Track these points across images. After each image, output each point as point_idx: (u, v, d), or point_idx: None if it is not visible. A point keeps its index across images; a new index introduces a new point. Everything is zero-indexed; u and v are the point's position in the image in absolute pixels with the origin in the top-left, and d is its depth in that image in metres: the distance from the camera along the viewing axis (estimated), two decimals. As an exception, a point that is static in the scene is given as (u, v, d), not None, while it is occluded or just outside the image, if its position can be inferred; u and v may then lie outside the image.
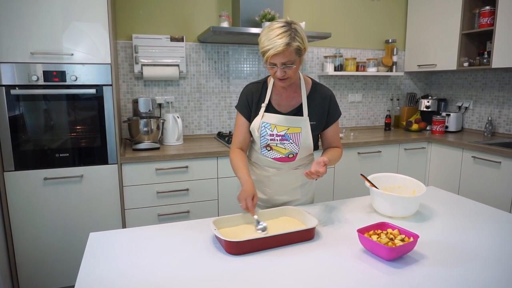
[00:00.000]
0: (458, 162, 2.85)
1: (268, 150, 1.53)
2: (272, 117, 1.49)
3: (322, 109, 1.52)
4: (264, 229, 1.27)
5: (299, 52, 1.34)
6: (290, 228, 1.26)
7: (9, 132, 2.07)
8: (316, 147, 1.57)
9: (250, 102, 1.53)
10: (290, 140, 1.49)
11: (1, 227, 2.10)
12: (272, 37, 1.28)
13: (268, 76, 1.55)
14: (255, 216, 1.32)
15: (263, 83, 1.54)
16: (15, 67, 2.04)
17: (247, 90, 1.55)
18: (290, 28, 1.30)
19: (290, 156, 1.53)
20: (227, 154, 2.43)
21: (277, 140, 1.49)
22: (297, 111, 1.50)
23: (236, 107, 1.58)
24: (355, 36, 3.49)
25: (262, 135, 1.49)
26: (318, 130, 1.54)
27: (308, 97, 1.51)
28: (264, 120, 1.49)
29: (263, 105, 1.50)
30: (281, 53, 1.28)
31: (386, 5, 3.54)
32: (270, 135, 1.49)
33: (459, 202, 1.61)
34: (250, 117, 1.53)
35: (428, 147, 3.13)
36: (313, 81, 1.56)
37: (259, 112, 1.50)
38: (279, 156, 1.53)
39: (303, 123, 1.49)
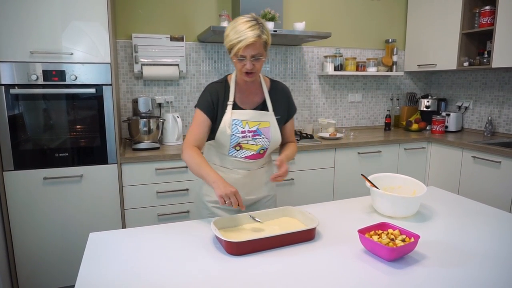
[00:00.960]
0: (458, 162, 2.85)
1: (237, 150, 1.50)
2: (241, 114, 1.49)
3: (284, 104, 1.59)
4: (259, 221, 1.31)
5: (266, 46, 1.40)
6: (291, 228, 1.26)
7: (8, 131, 2.06)
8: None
9: (215, 101, 1.49)
10: (262, 135, 1.50)
11: (0, 227, 2.09)
12: (242, 30, 1.32)
13: (228, 75, 1.55)
14: (250, 214, 1.33)
15: (224, 82, 1.54)
16: (15, 67, 2.04)
17: (211, 89, 1.51)
18: (257, 22, 1.35)
19: (261, 152, 1.53)
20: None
21: (249, 136, 1.49)
22: (261, 107, 1.54)
23: (197, 106, 1.51)
24: (355, 36, 3.48)
25: (234, 133, 1.46)
26: (281, 124, 1.58)
27: (269, 93, 1.56)
28: (234, 118, 1.47)
29: (229, 103, 1.48)
30: (253, 44, 1.33)
31: (386, 4, 3.53)
32: (242, 132, 1.48)
33: (459, 202, 1.61)
34: (213, 116, 1.49)
35: (428, 147, 3.12)
36: (270, 78, 1.62)
37: (226, 111, 1.48)
38: (250, 154, 1.51)
39: (270, 118, 1.53)
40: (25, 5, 1.99)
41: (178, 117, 2.62)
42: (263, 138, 1.51)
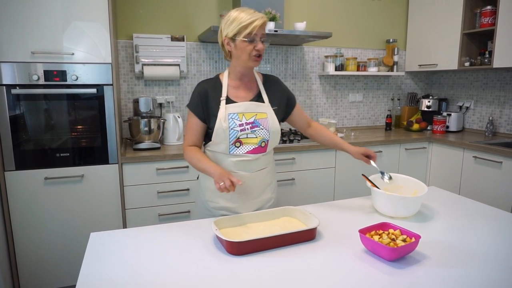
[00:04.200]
0: (459, 162, 2.85)
1: (238, 147, 1.47)
2: (236, 106, 1.47)
3: (279, 94, 1.59)
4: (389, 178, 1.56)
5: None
6: (291, 228, 1.26)
7: (9, 131, 2.07)
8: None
9: (203, 100, 1.48)
10: (261, 126, 1.48)
11: (1, 226, 2.10)
12: (252, 12, 1.39)
13: (219, 74, 1.56)
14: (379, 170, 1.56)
15: (216, 79, 1.53)
16: (16, 67, 2.04)
17: (199, 88, 1.50)
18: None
19: (263, 144, 1.50)
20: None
21: (247, 129, 1.46)
22: (257, 100, 1.52)
23: (188, 105, 1.52)
24: (356, 36, 3.48)
25: (231, 127, 1.44)
26: (279, 116, 1.57)
27: (264, 85, 1.56)
28: (229, 111, 1.45)
29: (222, 99, 1.47)
30: (264, 24, 1.40)
31: (387, 4, 3.53)
32: (240, 125, 1.45)
33: (460, 202, 1.60)
34: (203, 117, 1.49)
35: (429, 147, 3.12)
36: (263, 73, 1.63)
37: (220, 106, 1.46)
38: (252, 148, 1.48)
39: (267, 109, 1.51)
40: (26, 5, 1.99)
41: (179, 117, 2.62)
42: (262, 129, 1.48)
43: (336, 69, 3.29)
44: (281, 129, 1.63)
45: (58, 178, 2.17)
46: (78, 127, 2.23)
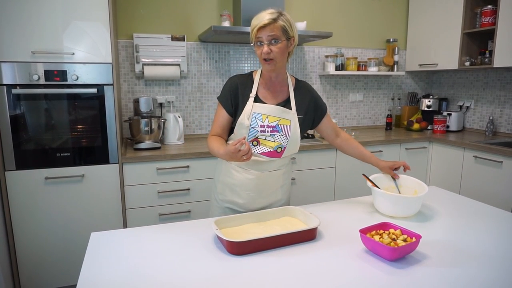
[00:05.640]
0: (459, 161, 2.85)
1: (255, 145, 1.48)
2: (262, 107, 1.47)
3: (308, 104, 1.56)
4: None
5: (286, 33, 1.40)
6: (292, 228, 1.26)
7: (10, 131, 2.07)
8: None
9: (233, 94, 1.49)
10: (281, 132, 1.48)
11: (2, 226, 2.10)
12: (261, 15, 1.39)
13: (254, 70, 1.56)
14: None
15: (249, 75, 1.54)
16: (16, 67, 2.04)
17: (231, 82, 1.52)
18: (279, 11, 1.39)
19: (279, 150, 1.50)
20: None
21: (267, 132, 1.46)
22: (284, 105, 1.51)
23: (218, 98, 1.54)
24: (356, 36, 3.48)
25: (252, 126, 1.45)
26: (304, 125, 1.56)
27: (294, 91, 1.54)
28: (254, 111, 1.46)
29: (251, 96, 1.48)
30: (267, 26, 1.35)
31: (387, 4, 3.53)
32: (261, 126, 1.46)
33: (461, 202, 1.60)
34: (231, 111, 1.50)
35: (429, 147, 3.12)
36: (296, 78, 1.61)
37: (247, 102, 1.47)
38: (267, 151, 1.49)
39: (292, 117, 1.50)
40: (26, 5, 1.99)
41: (179, 117, 2.62)
42: (282, 135, 1.48)
43: (337, 68, 3.29)
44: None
45: (59, 178, 2.17)
46: (79, 127, 2.23)
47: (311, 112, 1.57)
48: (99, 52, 2.16)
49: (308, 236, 1.21)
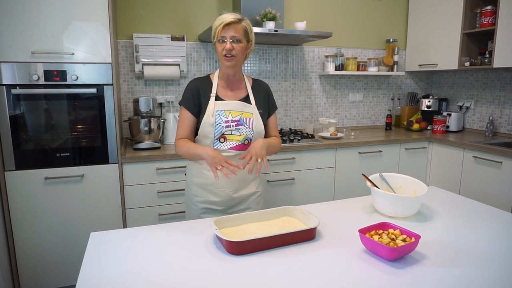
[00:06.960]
0: (459, 162, 2.85)
1: (222, 142, 1.55)
2: (224, 104, 1.55)
3: (264, 100, 1.67)
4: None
5: (247, 35, 1.52)
6: (291, 228, 1.26)
7: (10, 131, 2.07)
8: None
9: (195, 96, 1.57)
10: (245, 125, 1.56)
11: (2, 226, 2.10)
12: (224, 15, 1.48)
13: (210, 73, 1.65)
14: None
15: (207, 78, 1.63)
16: (16, 67, 2.04)
17: (192, 85, 1.59)
18: (241, 16, 1.51)
19: (246, 142, 1.57)
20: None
21: (232, 126, 1.54)
22: (244, 101, 1.60)
23: (180, 102, 1.61)
24: (356, 36, 3.48)
25: (217, 123, 1.52)
26: (263, 119, 1.63)
27: (252, 88, 1.65)
28: (217, 108, 1.54)
29: (212, 95, 1.56)
30: (232, 24, 1.46)
31: (387, 4, 3.53)
32: (226, 121, 1.53)
33: (460, 202, 1.60)
34: (195, 112, 1.57)
35: (429, 147, 3.12)
36: (253, 78, 1.71)
37: (209, 101, 1.55)
38: (235, 145, 1.56)
39: (253, 110, 1.60)
40: (26, 5, 1.99)
41: (179, 117, 2.61)
42: (247, 128, 1.56)
43: (336, 68, 3.29)
44: (281, 129, 1.65)
45: (58, 178, 2.18)
46: (78, 127, 2.23)
47: (267, 107, 1.68)
48: (98, 52, 2.16)
49: (307, 236, 1.21)
